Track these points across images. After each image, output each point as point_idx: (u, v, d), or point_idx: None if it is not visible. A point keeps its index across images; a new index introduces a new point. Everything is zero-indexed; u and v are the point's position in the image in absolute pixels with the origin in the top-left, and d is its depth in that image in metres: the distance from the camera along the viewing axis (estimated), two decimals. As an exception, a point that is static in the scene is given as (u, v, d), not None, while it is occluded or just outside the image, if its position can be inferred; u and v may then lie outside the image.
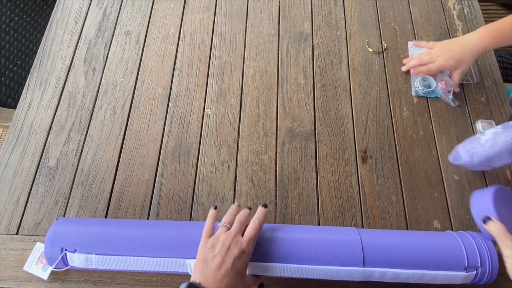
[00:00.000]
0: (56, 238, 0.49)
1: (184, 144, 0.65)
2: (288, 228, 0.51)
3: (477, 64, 0.74)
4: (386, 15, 0.79)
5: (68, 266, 0.49)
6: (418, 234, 0.51)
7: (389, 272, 0.47)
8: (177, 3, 0.80)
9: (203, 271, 0.42)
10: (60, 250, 0.48)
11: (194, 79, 0.71)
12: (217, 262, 0.42)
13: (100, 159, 0.64)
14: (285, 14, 0.79)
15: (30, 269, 0.53)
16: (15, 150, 0.64)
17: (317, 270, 0.47)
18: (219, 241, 0.44)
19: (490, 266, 0.47)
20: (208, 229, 0.47)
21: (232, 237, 0.45)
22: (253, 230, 0.46)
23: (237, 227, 0.46)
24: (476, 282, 0.49)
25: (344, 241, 0.48)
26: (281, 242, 0.48)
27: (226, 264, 0.42)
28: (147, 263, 0.48)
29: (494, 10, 1.72)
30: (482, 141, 0.57)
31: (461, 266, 0.47)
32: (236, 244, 0.44)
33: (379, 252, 0.48)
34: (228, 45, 0.75)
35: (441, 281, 0.48)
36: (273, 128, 0.67)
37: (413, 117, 0.68)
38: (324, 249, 0.47)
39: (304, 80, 0.71)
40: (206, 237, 0.46)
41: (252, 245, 0.46)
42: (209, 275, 0.42)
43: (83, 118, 0.67)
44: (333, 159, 0.64)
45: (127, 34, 0.76)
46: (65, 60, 0.73)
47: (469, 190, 0.62)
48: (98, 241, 0.48)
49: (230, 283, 0.42)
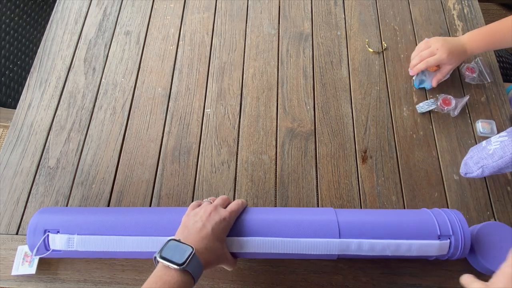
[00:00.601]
0: (39, 223, 0.50)
1: (184, 144, 0.65)
2: (265, 209, 0.54)
3: (489, 64, 0.73)
4: (386, 15, 0.79)
5: (49, 250, 0.50)
6: (392, 211, 0.54)
7: (365, 242, 0.48)
8: (177, 3, 0.80)
9: (183, 233, 0.45)
10: (43, 232, 0.49)
11: (194, 79, 0.71)
12: (198, 226, 0.45)
13: (100, 159, 0.64)
14: (285, 14, 0.79)
15: (18, 271, 0.53)
16: (15, 150, 0.64)
17: (294, 243, 0.48)
18: (201, 209, 0.48)
19: (462, 235, 0.49)
20: (194, 204, 0.50)
21: (214, 206, 0.48)
22: (236, 204, 0.50)
23: (219, 201, 0.50)
24: (451, 254, 0.50)
25: (321, 218, 0.50)
26: (259, 221, 0.50)
27: (206, 228, 0.45)
28: (129, 242, 0.49)
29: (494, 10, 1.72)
30: (490, 151, 0.57)
31: (434, 235, 0.49)
32: (217, 212, 0.47)
33: (355, 225, 0.49)
34: (228, 45, 0.75)
35: (417, 252, 0.49)
36: (273, 128, 0.67)
37: (413, 117, 0.68)
38: (301, 225, 0.49)
39: (304, 80, 0.71)
40: (191, 209, 0.49)
41: (233, 216, 0.48)
42: (189, 236, 0.44)
43: (83, 118, 0.67)
44: (333, 159, 0.64)
45: (127, 34, 0.76)
46: (65, 60, 0.73)
47: (469, 190, 0.62)
48: (81, 224, 0.50)
49: (209, 244, 0.44)
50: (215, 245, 0.45)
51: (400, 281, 0.54)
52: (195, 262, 0.41)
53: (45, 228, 0.49)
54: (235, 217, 0.49)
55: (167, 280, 0.39)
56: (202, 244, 0.43)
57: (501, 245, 0.53)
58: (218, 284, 0.54)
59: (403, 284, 0.54)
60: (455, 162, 0.64)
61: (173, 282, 0.39)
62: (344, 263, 0.55)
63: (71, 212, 0.52)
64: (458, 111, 0.67)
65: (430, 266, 0.55)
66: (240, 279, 0.54)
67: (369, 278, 0.55)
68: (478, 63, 0.73)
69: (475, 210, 0.60)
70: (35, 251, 0.49)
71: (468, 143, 0.66)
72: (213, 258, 0.45)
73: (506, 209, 0.60)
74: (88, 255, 0.51)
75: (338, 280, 0.54)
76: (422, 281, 0.54)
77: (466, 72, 0.72)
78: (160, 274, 0.40)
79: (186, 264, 0.40)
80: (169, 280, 0.39)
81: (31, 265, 0.53)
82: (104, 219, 0.50)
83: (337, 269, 0.55)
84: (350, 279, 0.54)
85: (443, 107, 0.68)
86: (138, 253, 0.49)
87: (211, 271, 0.54)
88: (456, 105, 0.67)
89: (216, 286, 0.54)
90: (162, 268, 0.41)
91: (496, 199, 0.61)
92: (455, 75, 0.72)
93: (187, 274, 0.40)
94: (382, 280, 0.54)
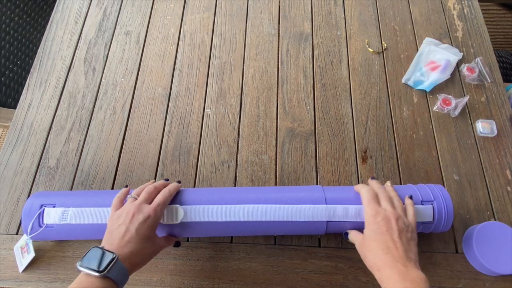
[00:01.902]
0: (35, 203, 0.51)
1: (184, 144, 0.65)
2: (252, 189, 0.55)
3: (489, 64, 0.73)
4: (386, 15, 0.79)
5: (43, 226, 0.50)
6: None
7: (351, 207, 0.49)
8: (177, 3, 0.80)
9: (108, 239, 0.44)
10: (39, 207, 0.51)
11: (194, 79, 0.71)
12: (121, 230, 0.44)
13: (100, 159, 0.64)
14: (285, 14, 0.79)
15: (23, 265, 0.54)
16: (15, 150, 0.64)
17: (278, 210, 0.49)
18: (124, 211, 0.46)
19: (444, 201, 0.50)
20: (116, 203, 0.49)
21: (137, 205, 0.46)
22: (161, 196, 0.48)
23: (143, 197, 0.48)
24: (436, 220, 0.50)
25: (307, 194, 0.51)
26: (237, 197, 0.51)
27: (130, 231, 0.44)
28: None
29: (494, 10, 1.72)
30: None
31: (416, 201, 0.51)
32: (140, 211, 0.46)
33: (340, 193, 0.51)
34: (228, 45, 0.75)
35: None
36: (273, 128, 0.67)
37: (413, 117, 0.68)
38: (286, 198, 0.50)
39: (304, 80, 0.71)
40: (114, 210, 0.48)
41: (159, 210, 0.47)
42: (114, 243, 0.43)
43: (83, 118, 0.67)
44: (333, 159, 0.64)
45: (127, 34, 0.76)
46: (65, 60, 0.73)
47: (469, 190, 0.62)
48: (77, 200, 0.51)
49: (135, 247, 0.43)
50: (142, 246, 0.44)
51: (400, 281, 0.54)
52: (117, 268, 0.40)
53: (41, 203, 0.51)
54: (163, 209, 0.48)
55: (87, 287, 0.39)
56: (127, 249, 0.43)
57: (501, 245, 0.53)
58: (218, 284, 0.54)
59: (403, 284, 0.54)
60: (455, 162, 0.64)
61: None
62: (344, 263, 0.55)
63: (67, 193, 0.54)
64: (458, 111, 0.67)
65: (430, 266, 0.56)
66: (240, 279, 0.54)
67: (369, 278, 0.55)
68: (478, 63, 0.73)
69: (475, 210, 0.60)
70: (30, 227, 0.50)
71: (468, 143, 0.66)
72: (142, 259, 0.45)
73: (506, 209, 0.60)
74: (78, 235, 0.52)
75: (338, 280, 0.54)
76: (422, 281, 0.54)
77: (466, 72, 0.72)
78: (80, 281, 0.40)
79: (107, 271, 0.39)
80: (88, 286, 0.39)
81: (29, 251, 0.54)
82: (99, 200, 0.51)
83: (337, 269, 0.55)
84: (350, 279, 0.54)
85: (443, 107, 0.68)
86: None
87: (211, 271, 0.55)
88: (456, 105, 0.67)
89: (216, 286, 0.54)
90: (83, 275, 0.40)
91: (496, 199, 0.61)
92: (455, 75, 0.72)
93: (109, 280, 0.40)
94: (382, 280, 0.54)
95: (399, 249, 0.42)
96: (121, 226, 0.44)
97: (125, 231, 0.44)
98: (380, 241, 0.43)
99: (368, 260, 0.44)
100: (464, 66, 0.72)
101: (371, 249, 0.44)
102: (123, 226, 0.44)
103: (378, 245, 0.43)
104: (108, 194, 0.52)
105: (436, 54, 0.73)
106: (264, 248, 0.57)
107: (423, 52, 0.73)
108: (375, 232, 0.45)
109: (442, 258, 0.56)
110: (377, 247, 0.43)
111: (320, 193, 0.51)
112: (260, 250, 0.56)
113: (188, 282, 0.54)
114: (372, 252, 0.44)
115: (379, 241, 0.44)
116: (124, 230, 0.44)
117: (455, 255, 0.57)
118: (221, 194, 0.51)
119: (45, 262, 0.55)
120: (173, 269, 0.55)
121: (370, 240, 0.45)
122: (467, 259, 0.56)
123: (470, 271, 0.55)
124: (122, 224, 0.44)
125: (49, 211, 0.50)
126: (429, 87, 0.69)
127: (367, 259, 0.44)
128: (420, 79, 0.70)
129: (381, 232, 0.44)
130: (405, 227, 0.45)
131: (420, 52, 0.74)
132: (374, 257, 0.43)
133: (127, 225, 0.44)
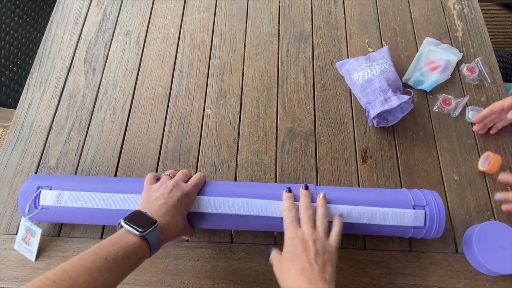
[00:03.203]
0: (32, 185, 0.52)
1: (184, 144, 0.65)
2: (248, 184, 0.56)
3: (489, 64, 0.73)
4: (386, 15, 0.79)
5: (38, 208, 0.51)
6: (370, 189, 0.57)
7: (342, 208, 0.50)
8: (177, 3, 0.80)
9: (146, 208, 0.46)
10: (36, 189, 0.52)
11: (194, 79, 0.71)
12: (159, 202, 0.46)
13: (100, 159, 0.64)
14: (285, 14, 0.79)
15: (33, 252, 0.54)
16: (15, 150, 0.64)
17: (270, 205, 0.50)
18: (162, 185, 0.48)
19: (436, 207, 0.50)
20: (150, 177, 0.50)
21: (175, 181, 0.48)
22: (198, 178, 0.50)
23: (180, 175, 0.50)
24: (428, 226, 0.50)
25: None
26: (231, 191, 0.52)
27: (168, 204, 0.46)
28: (117, 200, 0.50)
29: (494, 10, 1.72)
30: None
31: (409, 205, 0.51)
32: (179, 187, 0.48)
33: (333, 193, 0.52)
34: (228, 45, 0.75)
35: (393, 220, 0.50)
36: (273, 128, 0.67)
37: (413, 117, 0.68)
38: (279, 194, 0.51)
39: (304, 80, 0.71)
40: (149, 184, 0.49)
41: (195, 190, 0.49)
42: (152, 212, 0.45)
43: (83, 118, 0.67)
44: (333, 159, 0.64)
45: (127, 34, 0.76)
46: (65, 60, 0.73)
47: (469, 190, 0.62)
48: (73, 183, 0.52)
49: (171, 220, 0.45)
50: (177, 220, 0.46)
51: (400, 281, 0.54)
52: (156, 234, 0.42)
53: (38, 185, 0.52)
54: (197, 191, 0.50)
55: (126, 242, 0.40)
56: (164, 220, 0.44)
57: (501, 245, 0.53)
58: (218, 284, 0.54)
59: (403, 284, 0.54)
60: (455, 162, 0.64)
61: (130, 244, 0.40)
62: (344, 263, 0.56)
63: (65, 177, 0.55)
64: (459, 111, 0.67)
65: (430, 266, 0.56)
66: (240, 279, 0.54)
67: (369, 278, 0.55)
68: (478, 63, 0.73)
69: (475, 210, 0.60)
70: (27, 208, 0.51)
71: (468, 143, 0.66)
72: (174, 233, 0.46)
73: (506, 209, 0.60)
74: (74, 219, 0.53)
75: (338, 280, 0.54)
76: (422, 281, 0.54)
77: (466, 72, 0.72)
78: (120, 236, 0.41)
79: (147, 232, 0.41)
80: (127, 242, 0.40)
81: (34, 233, 0.55)
82: (97, 181, 0.53)
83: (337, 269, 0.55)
84: (350, 279, 0.55)
85: (443, 107, 0.68)
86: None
87: (211, 271, 0.55)
88: (457, 105, 0.67)
89: (216, 286, 0.54)
90: (123, 231, 0.42)
91: (496, 199, 0.61)
92: (455, 75, 0.72)
93: (146, 242, 0.42)
94: (382, 280, 0.54)
95: (315, 270, 0.42)
96: (159, 198, 0.46)
97: (163, 203, 0.45)
98: (296, 263, 0.43)
99: (284, 282, 0.43)
100: (464, 66, 0.72)
101: (287, 271, 0.44)
102: (162, 198, 0.46)
103: (293, 266, 0.43)
104: (106, 181, 0.53)
105: (436, 54, 0.73)
106: (264, 248, 0.57)
107: (423, 52, 0.73)
108: (291, 253, 0.44)
109: (442, 258, 0.56)
110: (293, 268, 0.43)
111: (312, 186, 0.52)
112: (260, 250, 0.56)
113: (188, 282, 0.54)
114: (288, 274, 0.43)
115: (294, 262, 0.43)
116: (163, 202, 0.45)
117: (455, 255, 0.57)
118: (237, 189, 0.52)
119: (45, 262, 0.55)
120: (173, 269, 0.55)
121: (287, 261, 0.44)
122: (467, 259, 0.56)
123: (470, 271, 0.55)
124: (160, 197, 0.46)
125: (45, 193, 0.51)
126: (429, 87, 0.69)
127: (283, 281, 0.44)
128: (420, 79, 0.70)
129: (297, 254, 0.44)
130: (322, 248, 0.44)
131: (420, 52, 0.74)
132: (290, 278, 0.43)
133: (165, 198, 0.46)
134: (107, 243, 0.40)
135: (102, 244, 0.40)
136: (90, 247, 0.40)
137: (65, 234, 0.57)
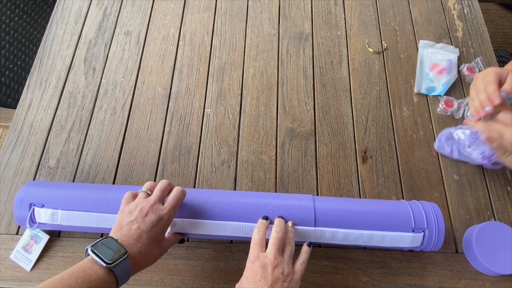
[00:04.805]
0: (25, 197, 0.51)
1: (184, 144, 0.65)
2: (243, 193, 0.54)
3: (489, 64, 0.73)
4: (386, 15, 0.79)
5: (36, 223, 0.51)
6: (370, 201, 0.54)
7: (339, 232, 0.49)
8: (177, 3, 0.80)
9: (118, 233, 0.42)
10: (29, 206, 0.51)
11: (194, 79, 0.71)
12: (132, 228, 0.42)
13: (100, 159, 0.64)
14: (285, 14, 0.79)
15: (31, 260, 0.54)
16: (15, 150, 0.64)
17: (245, 227, 0.49)
18: (137, 208, 0.44)
19: (436, 228, 0.50)
20: (127, 196, 0.46)
21: (151, 204, 0.44)
22: (175, 197, 0.46)
23: (157, 195, 0.46)
24: (424, 245, 0.50)
25: (298, 205, 0.50)
26: (233, 205, 0.50)
27: (141, 230, 0.42)
28: (111, 220, 0.49)
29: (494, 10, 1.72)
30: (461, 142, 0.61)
31: (408, 228, 0.50)
32: (154, 212, 0.44)
33: (331, 214, 0.50)
34: (228, 45, 0.75)
35: (390, 243, 0.49)
36: (273, 128, 0.67)
37: (413, 117, 0.68)
38: (278, 212, 0.49)
39: (304, 80, 0.71)
40: (125, 204, 0.45)
41: (172, 212, 0.45)
42: (123, 238, 0.42)
43: (83, 118, 0.67)
44: (333, 159, 0.64)
45: (127, 34, 0.76)
46: (65, 60, 0.73)
47: (469, 190, 0.62)
48: (65, 199, 0.51)
49: (143, 248, 0.42)
50: (150, 247, 0.43)
51: (400, 281, 0.54)
52: (124, 266, 0.39)
53: (30, 202, 0.51)
54: (175, 213, 0.46)
55: (90, 277, 0.37)
56: (136, 247, 0.41)
57: (501, 245, 0.53)
58: (218, 284, 0.54)
59: (403, 284, 0.54)
60: (455, 162, 0.64)
61: (94, 279, 0.37)
62: (344, 263, 0.56)
63: (57, 186, 0.53)
64: (461, 112, 0.67)
65: (430, 266, 0.56)
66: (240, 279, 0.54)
67: (369, 278, 0.55)
68: (478, 63, 0.73)
69: (475, 210, 0.60)
70: (28, 224, 0.51)
71: (468, 143, 0.66)
72: (145, 262, 0.43)
73: (506, 209, 0.60)
74: (73, 229, 0.54)
75: (338, 280, 0.54)
76: (422, 281, 0.54)
77: (466, 72, 0.72)
78: (85, 267, 0.38)
79: (115, 265, 0.38)
80: (91, 276, 0.37)
81: (38, 240, 0.55)
82: (88, 195, 0.51)
83: (337, 269, 0.55)
84: (350, 279, 0.55)
85: (446, 110, 0.67)
86: None
87: (211, 271, 0.55)
88: (459, 106, 0.67)
89: (216, 286, 0.54)
90: (90, 261, 0.39)
91: (496, 199, 0.61)
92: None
93: (112, 275, 0.39)
94: (382, 280, 0.54)
95: None
96: (132, 223, 0.43)
97: (136, 228, 0.42)
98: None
99: None
100: (464, 66, 0.72)
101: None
102: (135, 223, 0.42)
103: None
104: (101, 190, 0.52)
105: (436, 56, 0.73)
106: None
107: (423, 56, 0.73)
108: (249, 280, 0.42)
109: (442, 258, 0.56)
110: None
111: (310, 202, 0.51)
112: (260, 250, 0.56)
113: (188, 282, 0.54)
114: None
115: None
116: (136, 227, 0.42)
117: (455, 255, 0.57)
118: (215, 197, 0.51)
119: (45, 262, 0.55)
120: (173, 269, 0.55)
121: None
122: (467, 259, 0.56)
123: (470, 271, 0.55)
124: (134, 221, 0.43)
125: (39, 211, 0.50)
126: (443, 91, 0.69)
127: None
128: (431, 86, 0.70)
129: (254, 281, 0.41)
130: (282, 276, 0.42)
131: (420, 57, 0.73)
132: None
133: (139, 224, 0.42)
134: (69, 277, 0.37)
135: (63, 277, 0.37)
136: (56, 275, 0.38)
137: (65, 234, 0.57)
